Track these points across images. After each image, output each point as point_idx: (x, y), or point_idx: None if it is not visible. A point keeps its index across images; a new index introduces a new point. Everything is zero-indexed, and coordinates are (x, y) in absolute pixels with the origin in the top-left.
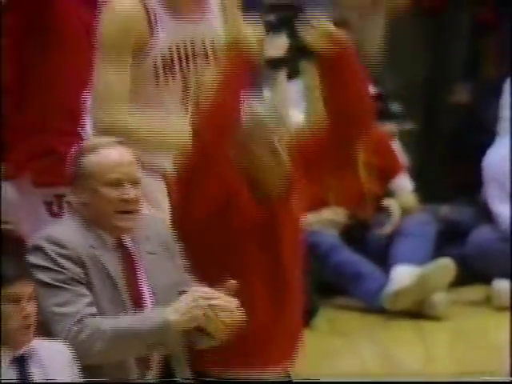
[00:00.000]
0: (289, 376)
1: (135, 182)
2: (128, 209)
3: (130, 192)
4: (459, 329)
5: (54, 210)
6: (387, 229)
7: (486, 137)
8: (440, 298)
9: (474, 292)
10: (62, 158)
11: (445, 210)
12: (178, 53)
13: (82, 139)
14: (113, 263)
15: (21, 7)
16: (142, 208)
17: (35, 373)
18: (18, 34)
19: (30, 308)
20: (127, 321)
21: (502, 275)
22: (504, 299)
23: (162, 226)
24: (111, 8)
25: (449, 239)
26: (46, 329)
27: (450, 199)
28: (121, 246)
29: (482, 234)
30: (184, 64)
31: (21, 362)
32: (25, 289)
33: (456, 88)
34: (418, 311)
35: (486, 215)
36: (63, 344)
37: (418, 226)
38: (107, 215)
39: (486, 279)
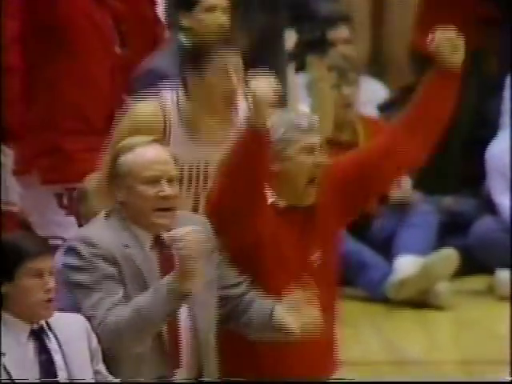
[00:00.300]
0: None
1: (171, 180)
2: (165, 206)
3: (167, 189)
4: (462, 318)
5: (64, 202)
6: (400, 197)
7: (488, 130)
8: (443, 287)
9: (477, 282)
10: (68, 155)
11: (448, 201)
12: (190, 173)
13: (88, 137)
14: (148, 262)
15: (29, 6)
16: (178, 205)
17: (52, 345)
18: (27, 32)
19: (52, 282)
20: (140, 298)
21: (505, 265)
22: (506, 289)
23: (200, 225)
24: (132, 110)
25: (452, 230)
26: None
27: (454, 191)
28: (158, 245)
29: (484, 225)
30: (194, 180)
31: (38, 335)
32: (46, 263)
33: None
34: (421, 301)
35: (489, 206)
36: (79, 315)
37: (421, 217)
38: (145, 213)
39: (489, 269)
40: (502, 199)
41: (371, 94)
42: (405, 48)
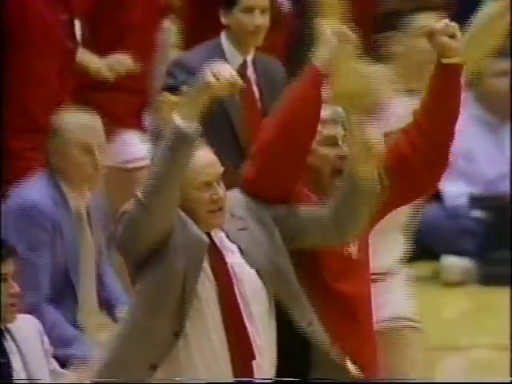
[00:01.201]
0: None
1: (220, 179)
2: (217, 207)
3: (219, 191)
4: None
5: None
6: None
7: None
8: None
9: (422, 268)
10: (12, 153)
11: None
12: None
13: (34, 135)
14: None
15: None
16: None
17: (10, 347)
18: None
19: (16, 287)
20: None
21: (450, 251)
22: (452, 275)
23: (247, 201)
24: None
25: None
26: None
27: None
28: (211, 242)
29: (430, 212)
30: None
31: None
32: (10, 267)
33: None
34: None
35: (434, 194)
36: (31, 316)
37: None
38: (199, 215)
39: (435, 255)
40: (446, 186)
41: None
42: None
